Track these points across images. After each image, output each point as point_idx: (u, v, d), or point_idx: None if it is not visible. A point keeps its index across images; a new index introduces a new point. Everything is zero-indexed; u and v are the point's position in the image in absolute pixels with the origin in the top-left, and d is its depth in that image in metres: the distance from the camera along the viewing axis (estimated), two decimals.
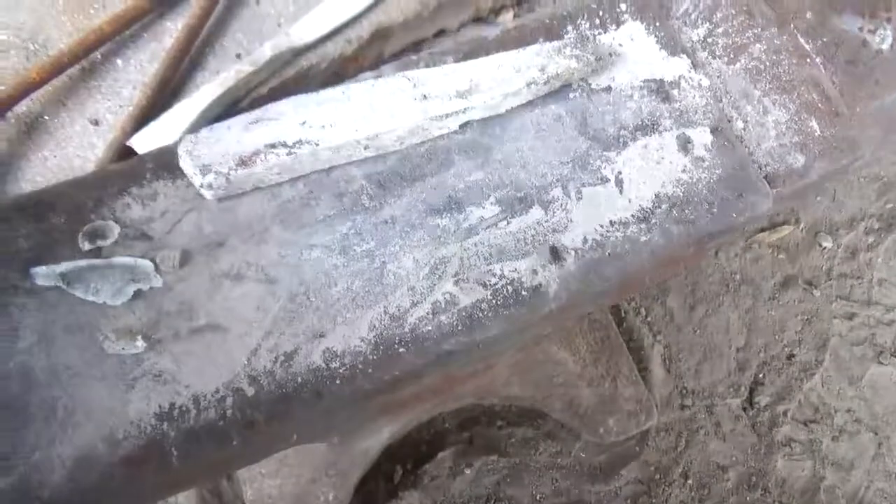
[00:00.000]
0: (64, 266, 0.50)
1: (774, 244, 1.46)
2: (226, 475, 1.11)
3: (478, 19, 1.54)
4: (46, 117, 1.25)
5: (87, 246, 0.55)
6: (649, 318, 1.37)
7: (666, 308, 1.38)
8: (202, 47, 1.30)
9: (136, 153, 1.19)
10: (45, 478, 0.50)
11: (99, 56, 1.27)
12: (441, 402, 1.08)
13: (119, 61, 1.28)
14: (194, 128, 1.20)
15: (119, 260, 0.53)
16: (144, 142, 1.19)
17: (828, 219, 1.51)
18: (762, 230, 1.47)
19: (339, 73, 1.41)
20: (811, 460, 1.36)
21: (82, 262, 0.51)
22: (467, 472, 1.23)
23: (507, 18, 1.53)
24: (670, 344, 1.36)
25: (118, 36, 1.26)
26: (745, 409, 1.36)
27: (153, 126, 1.19)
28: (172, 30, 1.30)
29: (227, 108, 1.25)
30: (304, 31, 1.28)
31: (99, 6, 1.23)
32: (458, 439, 1.26)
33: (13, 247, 0.54)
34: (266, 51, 1.25)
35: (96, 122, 1.25)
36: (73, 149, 1.24)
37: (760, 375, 1.39)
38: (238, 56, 1.29)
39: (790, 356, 1.41)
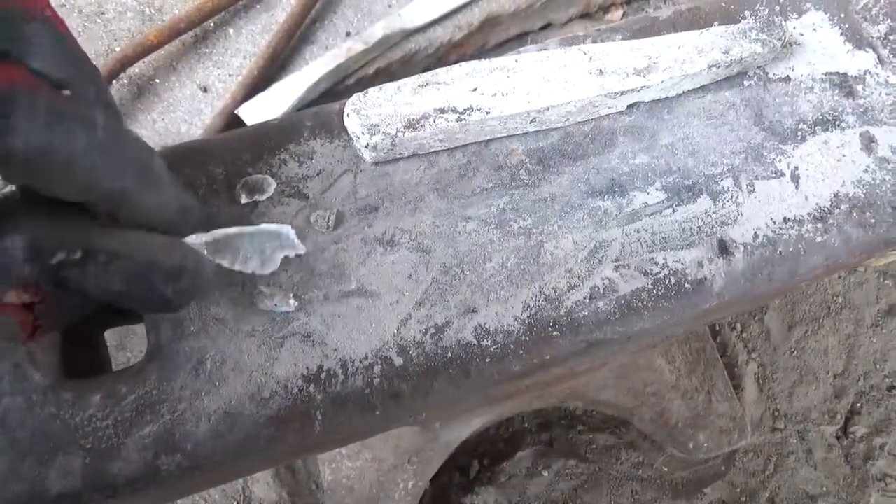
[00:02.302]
0: (211, 234, 0.49)
1: (882, 269, 1.38)
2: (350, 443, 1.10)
3: (585, 15, 1.51)
4: (157, 80, 1.27)
5: (244, 199, 0.54)
6: (745, 335, 1.32)
7: (763, 326, 1.32)
8: (313, 23, 1.31)
9: (243, 122, 1.19)
10: (190, 430, 0.49)
11: (212, 24, 1.29)
12: (528, 400, 1.05)
13: (231, 31, 1.29)
14: (302, 102, 1.20)
15: (266, 227, 0.51)
16: (253, 112, 1.19)
17: None
18: None
19: (442, 58, 1.40)
20: None
21: (230, 230, 0.49)
22: (545, 474, 1.20)
23: (615, 16, 1.50)
24: (765, 363, 1.30)
25: (233, 6, 1.28)
26: (839, 438, 1.29)
27: (262, 97, 1.20)
28: (285, 3, 1.31)
29: (336, 84, 1.25)
30: (417, 13, 1.27)
31: None
32: (538, 440, 1.23)
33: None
34: (378, 30, 1.24)
35: (205, 89, 1.26)
36: (181, 113, 1.26)
37: (858, 405, 1.32)
38: (348, 34, 1.29)
39: (891, 387, 1.33)
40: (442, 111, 0.52)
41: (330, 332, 0.51)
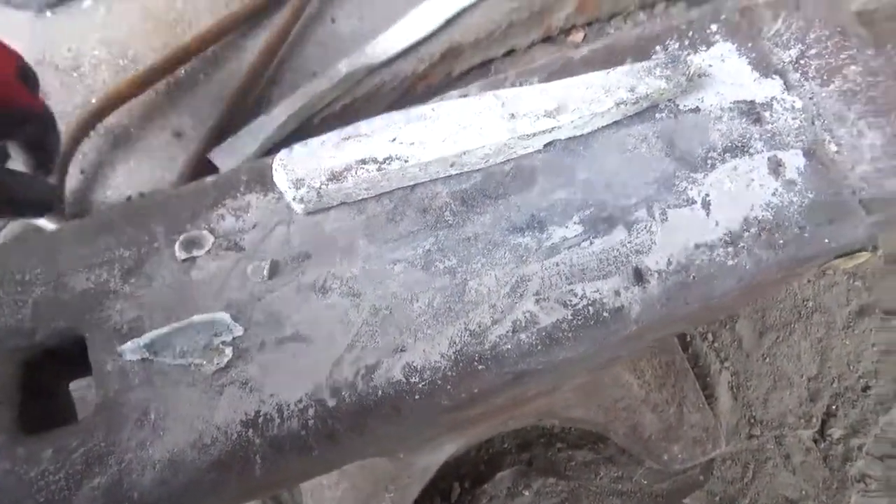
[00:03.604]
0: (146, 338, 0.53)
1: (850, 271, 1.40)
2: (298, 484, 1.13)
3: (547, 39, 1.55)
4: (133, 129, 1.31)
5: (183, 255, 0.57)
6: (716, 344, 1.34)
7: (734, 334, 1.34)
8: (280, 64, 1.34)
9: (214, 165, 1.23)
10: (136, 479, 0.52)
11: (183, 72, 1.33)
12: (504, 421, 1.07)
13: (202, 76, 1.33)
14: (271, 142, 1.24)
15: (198, 318, 0.55)
16: (223, 156, 1.23)
17: None
18: (837, 256, 1.41)
19: (409, 90, 1.44)
20: (887, 497, 1.29)
21: (163, 329, 0.54)
22: (526, 493, 1.21)
23: (576, 38, 1.53)
24: (738, 371, 1.32)
25: (202, 53, 1.31)
26: (816, 442, 1.31)
27: (231, 141, 1.24)
28: (252, 46, 1.34)
29: (303, 123, 1.28)
30: (379, 49, 1.31)
31: (185, 25, 1.29)
32: (517, 460, 1.25)
33: (114, 254, 0.57)
34: (341, 68, 1.28)
35: (179, 135, 1.30)
36: (156, 160, 1.30)
37: (833, 407, 1.34)
38: (314, 73, 1.33)
39: (865, 388, 1.35)
40: (363, 162, 0.55)
41: (267, 378, 0.54)
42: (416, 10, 1.27)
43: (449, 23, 1.32)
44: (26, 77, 0.69)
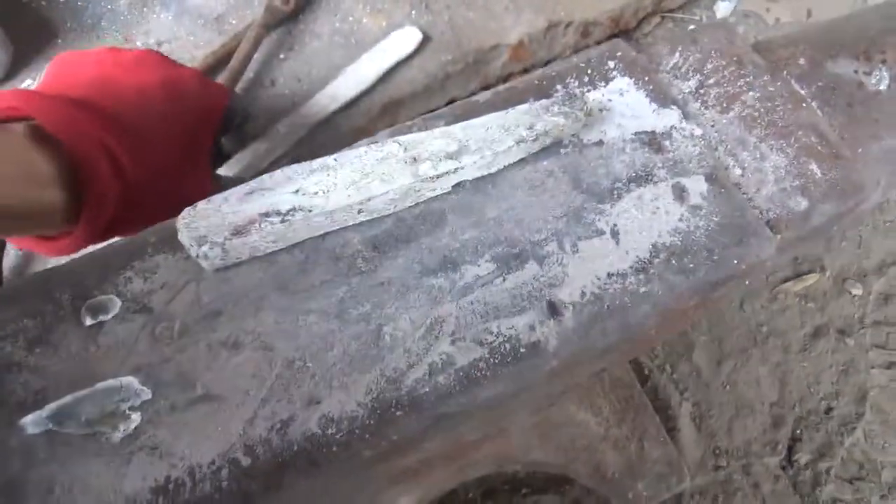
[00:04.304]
0: (48, 409, 0.52)
1: (801, 293, 1.42)
2: None
3: (486, 88, 1.58)
4: None
5: (89, 321, 0.56)
6: (675, 375, 1.33)
7: (692, 364, 1.34)
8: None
9: None
10: None
11: None
12: (460, 469, 1.05)
13: None
14: None
15: (102, 385, 0.54)
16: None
17: (856, 265, 1.47)
18: (787, 280, 1.43)
19: (352, 145, 1.45)
20: None
21: (67, 399, 0.52)
22: None
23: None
24: (699, 401, 1.31)
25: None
26: (784, 468, 1.30)
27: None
28: None
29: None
30: (316, 108, 1.33)
31: None
32: None
33: (18, 325, 0.56)
34: (280, 128, 1.29)
35: None
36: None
37: (798, 431, 1.33)
38: (255, 136, 1.34)
39: (828, 410, 1.35)
40: (266, 215, 0.55)
41: (177, 440, 0.53)
42: (351, 67, 1.30)
43: (385, 78, 1.35)
44: None
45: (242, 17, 1.38)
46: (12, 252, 1.19)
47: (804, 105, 0.68)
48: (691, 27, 1.67)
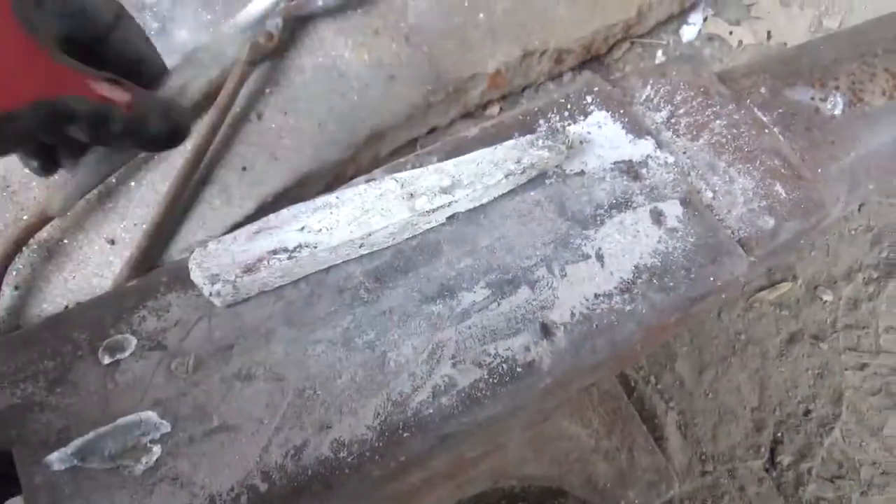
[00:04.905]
0: (73, 446, 0.55)
1: (775, 302, 1.48)
2: None
3: (466, 115, 1.64)
4: (66, 241, 1.32)
5: (107, 360, 0.59)
6: (659, 386, 1.38)
7: (675, 374, 1.39)
8: (210, 164, 1.38)
9: (151, 269, 1.24)
10: None
11: (114, 180, 1.35)
12: (457, 487, 1.08)
13: (133, 182, 1.36)
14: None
15: (122, 421, 0.56)
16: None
17: (825, 273, 1.53)
18: (761, 289, 1.49)
19: (339, 175, 1.49)
20: None
21: (90, 435, 0.55)
22: None
23: (493, 112, 1.63)
24: (684, 410, 1.36)
25: (131, 160, 1.34)
26: (767, 471, 1.34)
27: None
28: (182, 150, 1.38)
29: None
30: None
31: None
32: None
33: (39, 367, 0.58)
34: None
35: (112, 242, 1.31)
36: (91, 268, 1.30)
37: (779, 434, 1.38)
38: (244, 168, 1.37)
39: (806, 412, 1.40)
40: (274, 252, 0.59)
41: (197, 471, 0.55)
42: None
43: (369, 108, 1.39)
44: None
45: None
46: (7, 292, 1.20)
47: (767, 131, 0.74)
48: (659, 60, 1.75)
